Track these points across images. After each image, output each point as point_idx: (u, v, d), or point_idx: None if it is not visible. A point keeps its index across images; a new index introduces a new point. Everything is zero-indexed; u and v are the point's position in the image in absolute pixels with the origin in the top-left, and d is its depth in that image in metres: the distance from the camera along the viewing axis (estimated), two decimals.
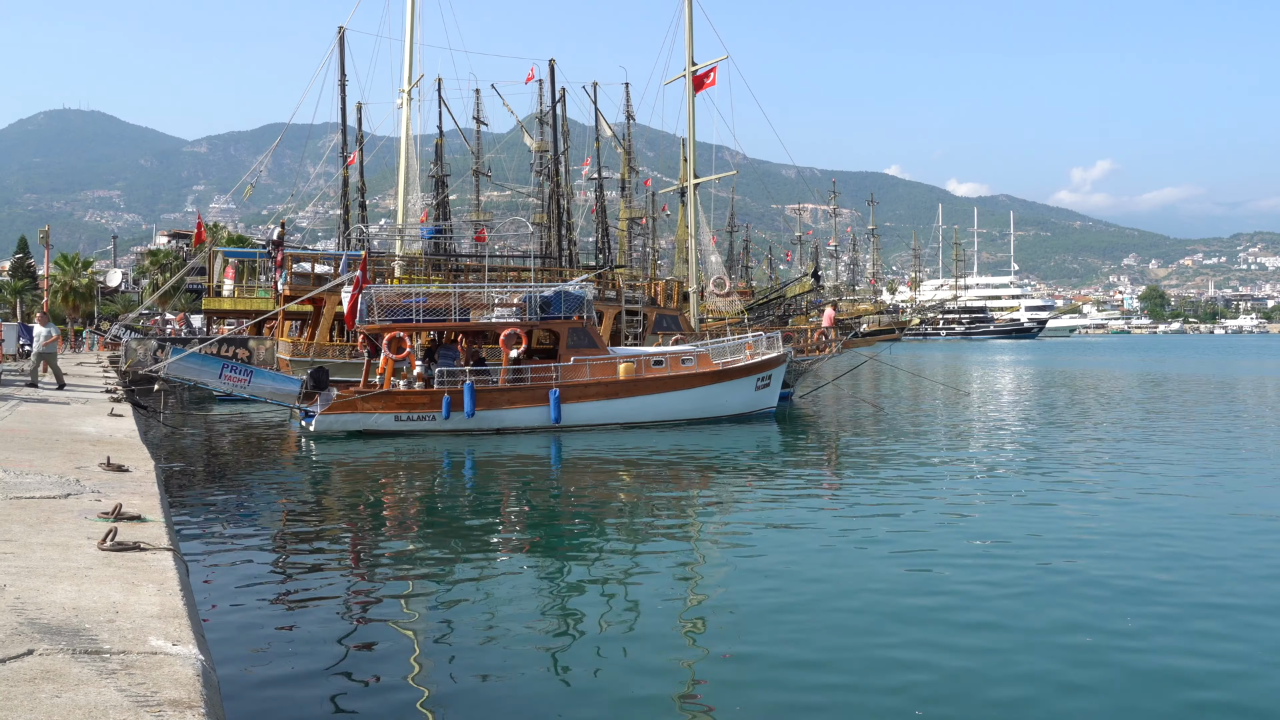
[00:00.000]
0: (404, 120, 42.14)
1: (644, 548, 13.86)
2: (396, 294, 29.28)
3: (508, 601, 10.91)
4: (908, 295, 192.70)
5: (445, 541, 14.32)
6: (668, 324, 46.23)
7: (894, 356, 56.32)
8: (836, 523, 15.27)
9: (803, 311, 62.54)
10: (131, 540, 6.60)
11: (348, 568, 12.68)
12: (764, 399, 32.08)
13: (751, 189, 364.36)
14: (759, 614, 10.25)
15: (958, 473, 20.64)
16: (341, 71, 57.32)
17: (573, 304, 29.70)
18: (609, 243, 74.87)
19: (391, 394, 27.79)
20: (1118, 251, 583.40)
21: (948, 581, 11.43)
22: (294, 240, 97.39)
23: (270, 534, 14.78)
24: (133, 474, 9.84)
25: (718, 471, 21.68)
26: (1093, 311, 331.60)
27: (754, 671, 8.57)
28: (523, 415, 28.11)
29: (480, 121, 74.34)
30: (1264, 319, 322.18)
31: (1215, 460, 21.96)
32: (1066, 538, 13.84)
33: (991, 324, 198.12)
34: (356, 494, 19.17)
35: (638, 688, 8.23)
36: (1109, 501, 16.92)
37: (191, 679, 4.16)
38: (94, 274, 74.75)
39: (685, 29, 41.67)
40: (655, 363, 30.12)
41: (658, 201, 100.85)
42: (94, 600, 5.27)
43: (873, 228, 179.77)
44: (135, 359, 27.25)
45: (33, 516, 7.43)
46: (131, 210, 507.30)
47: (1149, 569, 11.97)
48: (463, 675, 8.48)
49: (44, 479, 9.21)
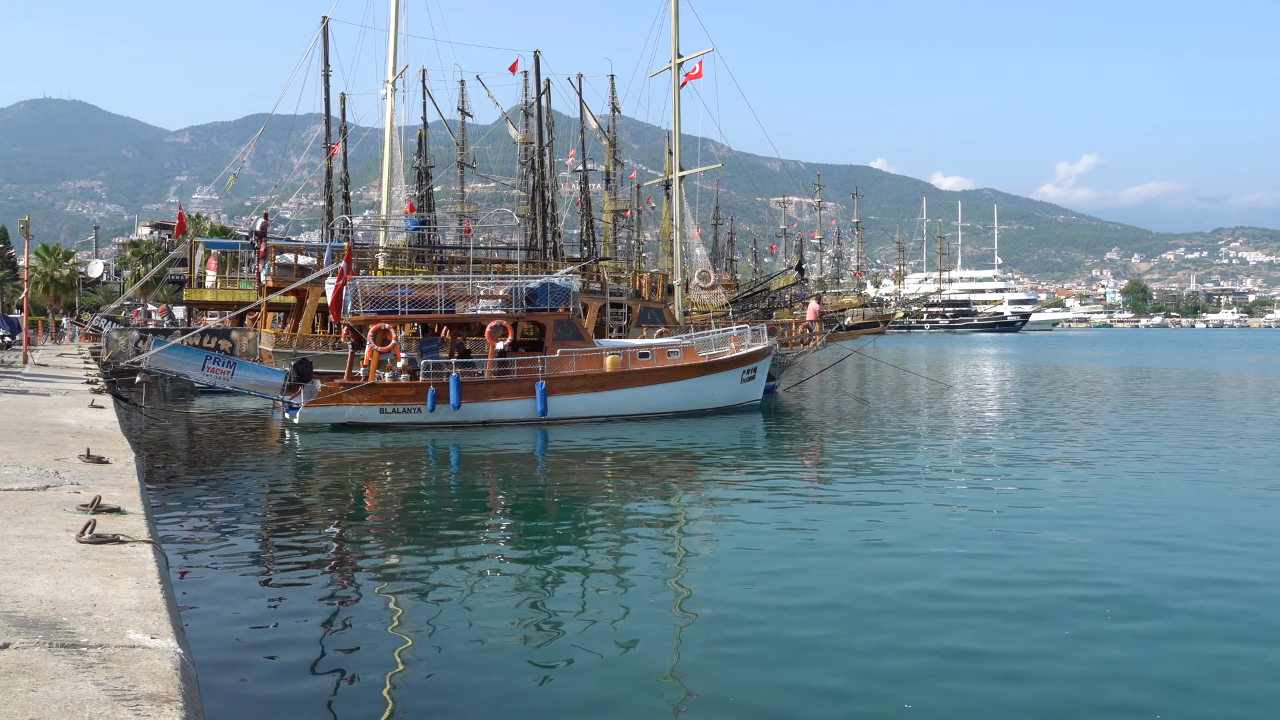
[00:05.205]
0: (388, 111, 41.91)
1: (628, 541, 13.86)
2: (381, 286, 29.15)
3: (490, 596, 10.89)
4: (892, 289, 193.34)
5: (429, 535, 14.28)
6: (652, 317, 46.25)
7: (878, 350, 56.50)
8: (820, 516, 15.31)
9: (787, 305, 62.67)
10: (111, 533, 6.53)
11: (329, 561, 12.62)
12: (749, 392, 32.13)
13: (736, 182, 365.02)
14: (743, 606, 10.26)
15: (940, 465, 20.72)
16: (325, 62, 57.04)
17: (559, 296, 29.64)
18: (594, 235, 74.73)
19: (376, 386, 27.68)
20: (1101, 246, 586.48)
21: (930, 572, 11.47)
22: (277, 231, 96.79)
23: (252, 527, 14.70)
24: (113, 466, 9.75)
25: (703, 464, 21.69)
26: (1075, 305, 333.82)
27: (739, 663, 8.58)
28: (508, 408, 28.04)
29: (465, 113, 74.05)
30: (1245, 313, 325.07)
31: (1195, 452, 22.11)
32: (1048, 526, 13.93)
33: (975, 317, 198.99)
34: (340, 487, 19.09)
35: (621, 682, 8.22)
36: (1088, 491, 17.03)
37: (169, 673, 4.12)
38: (75, 265, 73.99)
39: (671, 22, 41.64)
40: (641, 355, 30.11)
41: (642, 194, 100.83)
42: (72, 593, 5.22)
43: (857, 221, 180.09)
44: (116, 350, 27.05)
45: (10, 508, 7.36)
46: (113, 201, 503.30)
47: (1126, 556, 12.06)
48: (444, 669, 8.45)
49: (23, 470, 9.11)
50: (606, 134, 77.32)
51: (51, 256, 68.64)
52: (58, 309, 69.35)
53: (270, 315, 46.04)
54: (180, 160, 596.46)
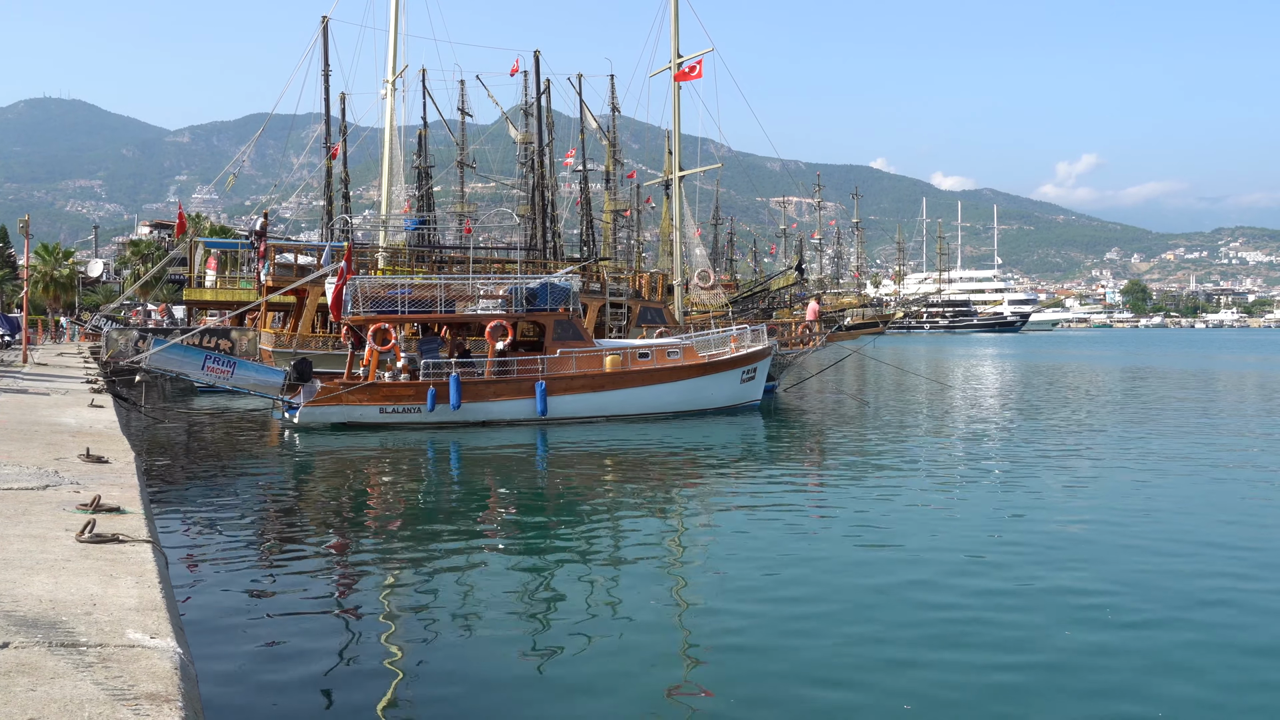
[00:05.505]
0: (388, 111, 41.92)
1: (627, 542, 13.86)
2: (381, 285, 29.14)
3: (489, 596, 10.88)
4: (892, 289, 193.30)
5: (428, 534, 14.26)
6: (652, 317, 46.26)
7: (877, 350, 56.49)
8: (820, 516, 15.31)
9: (787, 305, 62.70)
10: (110, 532, 6.52)
11: (329, 561, 12.61)
12: (749, 392, 32.12)
13: (736, 182, 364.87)
14: (743, 607, 10.25)
15: (940, 465, 20.71)
16: (325, 62, 57.02)
17: (558, 296, 29.63)
18: (594, 235, 74.72)
19: (376, 386, 27.66)
20: (1100, 246, 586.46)
21: (930, 572, 11.45)
22: (277, 231, 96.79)
23: (251, 527, 14.69)
24: (113, 465, 9.74)
25: (702, 464, 21.68)
26: (1075, 306, 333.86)
27: (738, 663, 8.57)
28: (508, 408, 28.03)
29: (465, 113, 74.05)
30: (1244, 313, 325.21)
31: (1194, 452, 22.11)
32: (1047, 528, 13.92)
33: (975, 318, 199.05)
34: (339, 487, 19.08)
35: (622, 682, 8.21)
36: (1088, 490, 17.03)
37: (169, 672, 4.11)
38: (75, 264, 73.97)
39: (671, 21, 41.65)
40: (641, 355, 30.10)
41: (642, 194, 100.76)
42: (71, 593, 5.21)
43: (857, 221, 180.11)
44: (116, 350, 27.04)
45: (10, 508, 7.35)
46: (113, 200, 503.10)
47: (1126, 555, 12.05)
48: (445, 668, 8.44)
49: (22, 470, 9.10)
50: (606, 134, 77.31)
51: (51, 256, 68.62)
52: (57, 308, 69.32)
53: (270, 315, 46.05)
54: (180, 160, 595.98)
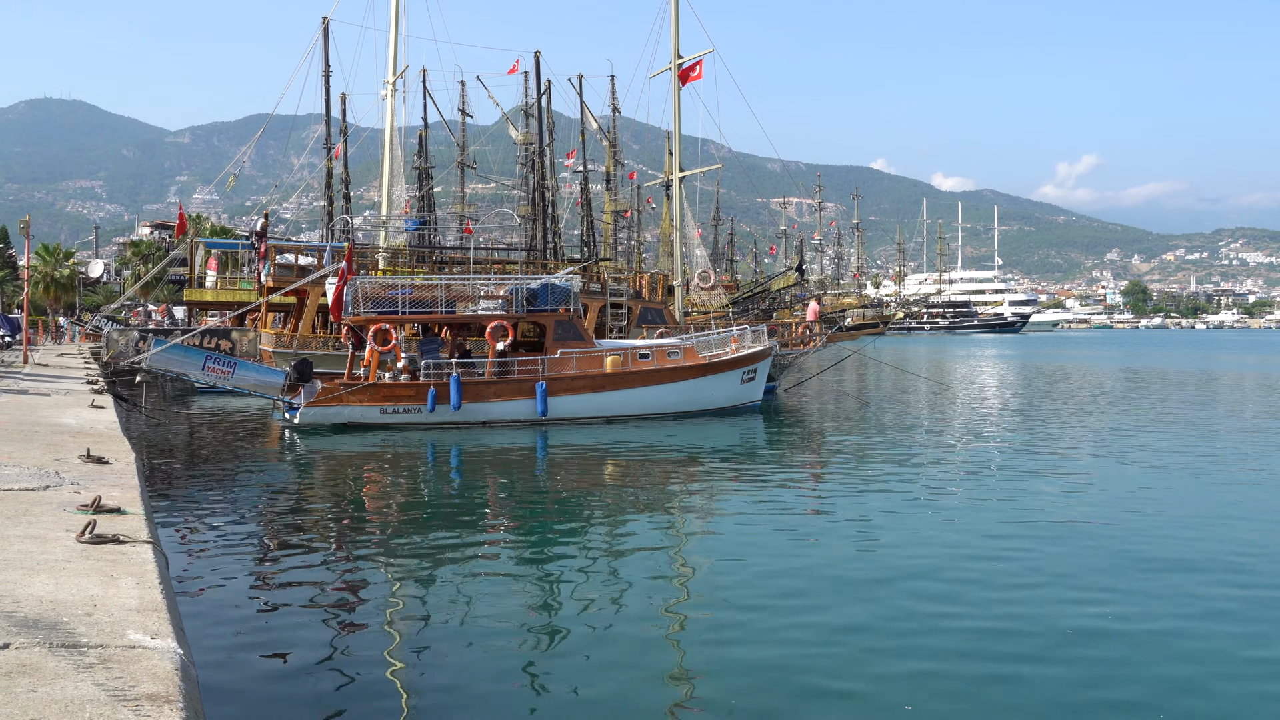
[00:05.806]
0: (388, 112, 41.97)
1: (628, 542, 13.87)
2: (382, 286, 29.14)
3: (490, 596, 10.88)
4: (892, 289, 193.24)
5: (429, 535, 14.27)
6: (652, 317, 46.23)
7: (878, 350, 56.50)
8: (820, 517, 15.32)
9: (787, 305, 62.64)
10: (111, 533, 6.53)
11: (329, 562, 12.61)
12: (749, 392, 32.11)
13: (737, 182, 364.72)
14: (743, 607, 10.25)
15: (940, 466, 20.71)
16: (326, 62, 57.01)
17: (559, 297, 29.63)
18: (594, 235, 74.73)
19: (377, 386, 27.66)
20: (1101, 246, 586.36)
21: (930, 573, 11.47)
22: (277, 232, 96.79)
23: (252, 527, 14.69)
24: (113, 466, 9.75)
25: (703, 465, 21.68)
26: (1075, 306, 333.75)
27: (738, 663, 8.57)
28: (509, 408, 28.03)
29: (465, 113, 74.08)
30: (1245, 314, 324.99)
31: (1194, 452, 22.11)
32: (1048, 528, 13.93)
33: (975, 318, 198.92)
34: (340, 487, 19.08)
35: (622, 682, 8.22)
36: (1088, 490, 17.04)
37: (170, 673, 4.12)
38: (75, 265, 73.96)
39: (671, 22, 41.63)
40: (641, 356, 30.10)
41: (642, 194, 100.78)
42: (72, 593, 5.22)
43: (857, 221, 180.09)
44: (116, 350, 27.04)
45: (10, 508, 7.35)
46: (114, 201, 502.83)
47: (1127, 556, 12.06)
48: (444, 670, 8.45)
49: (23, 470, 9.11)
50: (607, 134, 77.33)
51: (52, 256, 68.61)
52: (58, 309, 69.32)
53: (270, 315, 46.03)
54: (180, 160, 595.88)
